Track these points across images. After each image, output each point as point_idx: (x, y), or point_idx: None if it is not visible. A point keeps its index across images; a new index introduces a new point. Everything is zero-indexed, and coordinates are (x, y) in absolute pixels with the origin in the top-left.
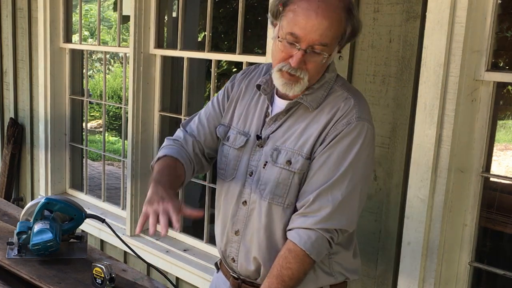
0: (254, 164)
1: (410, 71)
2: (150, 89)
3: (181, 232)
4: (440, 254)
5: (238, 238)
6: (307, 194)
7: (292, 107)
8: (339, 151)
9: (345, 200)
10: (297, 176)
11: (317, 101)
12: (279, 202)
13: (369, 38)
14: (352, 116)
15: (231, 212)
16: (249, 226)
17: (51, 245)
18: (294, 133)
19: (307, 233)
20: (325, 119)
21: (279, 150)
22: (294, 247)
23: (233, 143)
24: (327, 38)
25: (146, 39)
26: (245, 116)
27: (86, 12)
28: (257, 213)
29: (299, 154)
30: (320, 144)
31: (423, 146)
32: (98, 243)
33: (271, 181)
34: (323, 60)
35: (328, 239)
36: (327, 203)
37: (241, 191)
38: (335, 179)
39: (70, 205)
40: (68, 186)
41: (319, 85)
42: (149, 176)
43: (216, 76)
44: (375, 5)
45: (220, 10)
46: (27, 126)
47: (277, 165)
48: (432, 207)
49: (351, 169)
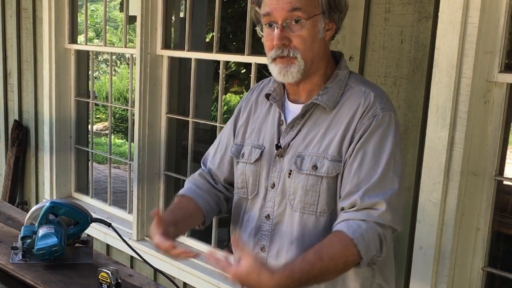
0: (276, 175)
1: (422, 73)
2: (157, 90)
3: (189, 237)
4: (452, 259)
5: (264, 254)
6: (352, 194)
7: (308, 110)
8: (374, 145)
9: (394, 195)
10: (325, 180)
11: (333, 99)
12: (311, 211)
13: (380, 38)
14: (376, 109)
15: (255, 229)
16: (275, 240)
17: (56, 250)
18: (315, 137)
19: (357, 223)
20: (347, 117)
21: (303, 156)
22: (340, 233)
23: (248, 158)
24: (298, 3)
25: (153, 39)
26: (258, 129)
27: (91, 12)
28: (287, 225)
29: (324, 157)
30: (350, 144)
31: (435, 149)
32: (104, 247)
33: (299, 190)
34: (306, 29)
35: (380, 235)
36: (377, 199)
37: (262, 205)
38: (379, 174)
39: (75, 209)
40: (73, 190)
41: (332, 83)
42: (157, 179)
43: (224, 77)
44: (386, 5)
45: (229, 10)
46: (31, 128)
47: (303, 172)
48: (444, 211)
49: (392, 160)
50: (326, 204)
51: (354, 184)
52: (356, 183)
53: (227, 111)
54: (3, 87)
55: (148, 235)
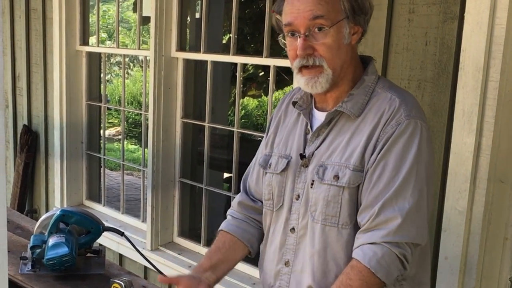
0: (300, 186)
1: (447, 76)
2: (172, 94)
3: (205, 246)
4: (479, 270)
5: (288, 269)
6: (369, 208)
7: (333, 118)
8: (396, 155)
9: (413, 208)
10: (346, 191)
11: (358, 107)
12: (332, 222)
13: (404, 40)
14: (401, 116)
15: (280, 243)
16: (299, 254)
17: (66, 260)
18: (339, 146)
19: (372, 249)
20: (370, 125)
21: (325, 166)
22: (357, 264)
23: (274, 168)
24: (319, 10)
25: (168, 41)
26: (286, 138)
27: (104, 13)
28: (309, 238)
29: (346, 167)
30: (372, 153)
31: (461, 155)
32: (116, 257)
33: (321, 200)
34: (330, 36)
35: (399, 256)
36: (393, 213)
37: (287, 217)
38: (397, 186)
39: (87, 218)
40: (85, 198)
41: (358, 90)
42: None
43: (241, 80)
44: (410, 5)
45: (246, 10)
46: (41, 133)
47: (325, 182)
48: (471, 219)
49: (413, 172)
50: (349, 216)
51: (372, 197)
52: (374, 196)
53: (245, 116)
54: (11, 90)
55: (162, 245)
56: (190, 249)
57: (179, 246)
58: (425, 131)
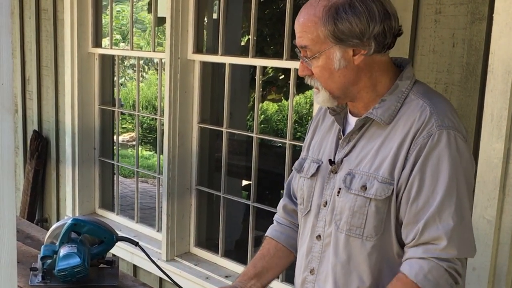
0: (329, 193)
1: (476, 79)
2: (188, 98)
3: (222, 257)
4: (508, 281)
5: (313, 277)
6: (412, 225)
7: (364, 124)
8: (431, 169)
9: (457, 224)
10: (373, 203)
11: (389, 113)
12: (357, 234)
13: (430, 42)
14: (432, 126)
15: (306, 249)
16: (323, 263)
17: (78, 271)
18: (368, 154)
19: (419, 263)
20: (400, 134)
21: (353, 174)
22: (403, 277)
23: (306, 173)
24: (304, 40)
25: (184, 43)
26: (320, 142)
27: (117, 13)
28: (333, 247)
29: (375, 178)
30: (403, 165)
31: (490, 162)
32: (130, 268)
33: (346, 210)
34: (320, 63)
35: (448, 270)
36: (437, 232)
37: (314, 224)
38: (438, 203)
39: (99, 227)
40: (97, 206)
41: (390, 95)
42: (188, 194)
43: (261, 84)
44: (437, 5)
45: (266, 11)
46: (52, 139)
47: (352, 192)
48: (500, 229)
49: (452, 184)
50: (374, 228)
51: (412, 214)
52: (414, 213)
53: (264, 121)
54: (21, 94)
55: (178, 255)
56: (207, 260)
57: (196, 256)
58: (460, 140)
